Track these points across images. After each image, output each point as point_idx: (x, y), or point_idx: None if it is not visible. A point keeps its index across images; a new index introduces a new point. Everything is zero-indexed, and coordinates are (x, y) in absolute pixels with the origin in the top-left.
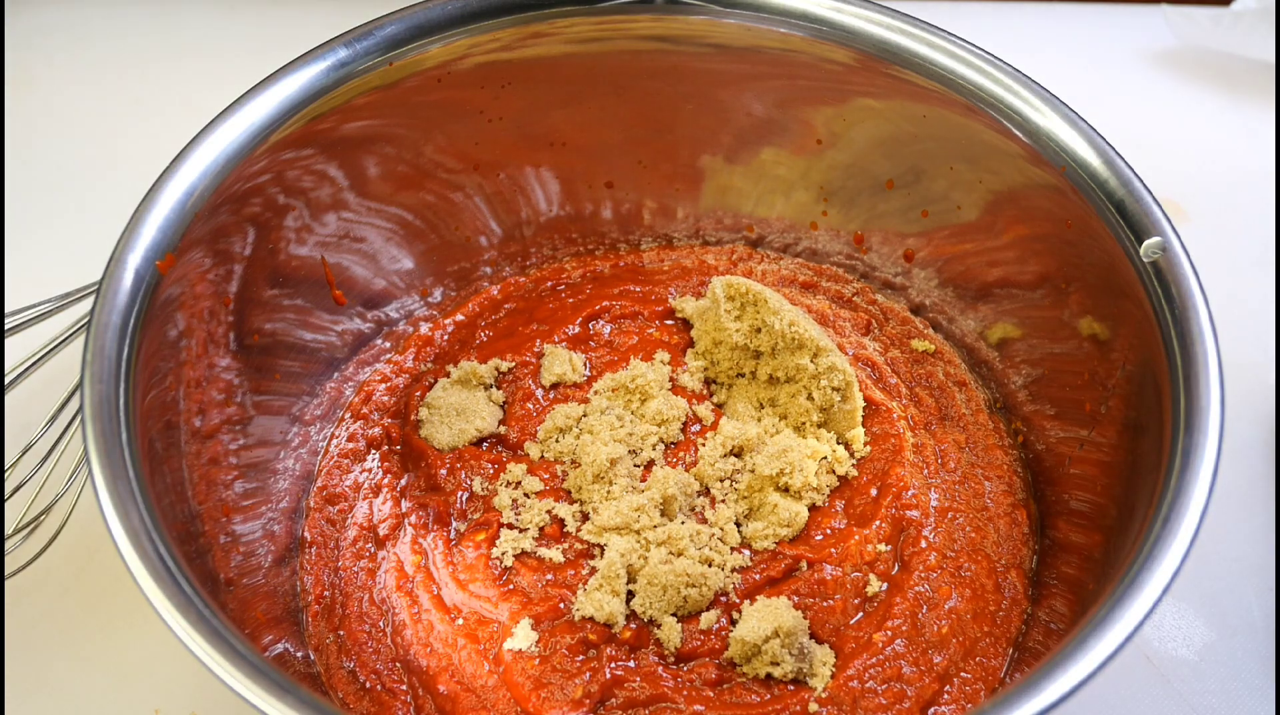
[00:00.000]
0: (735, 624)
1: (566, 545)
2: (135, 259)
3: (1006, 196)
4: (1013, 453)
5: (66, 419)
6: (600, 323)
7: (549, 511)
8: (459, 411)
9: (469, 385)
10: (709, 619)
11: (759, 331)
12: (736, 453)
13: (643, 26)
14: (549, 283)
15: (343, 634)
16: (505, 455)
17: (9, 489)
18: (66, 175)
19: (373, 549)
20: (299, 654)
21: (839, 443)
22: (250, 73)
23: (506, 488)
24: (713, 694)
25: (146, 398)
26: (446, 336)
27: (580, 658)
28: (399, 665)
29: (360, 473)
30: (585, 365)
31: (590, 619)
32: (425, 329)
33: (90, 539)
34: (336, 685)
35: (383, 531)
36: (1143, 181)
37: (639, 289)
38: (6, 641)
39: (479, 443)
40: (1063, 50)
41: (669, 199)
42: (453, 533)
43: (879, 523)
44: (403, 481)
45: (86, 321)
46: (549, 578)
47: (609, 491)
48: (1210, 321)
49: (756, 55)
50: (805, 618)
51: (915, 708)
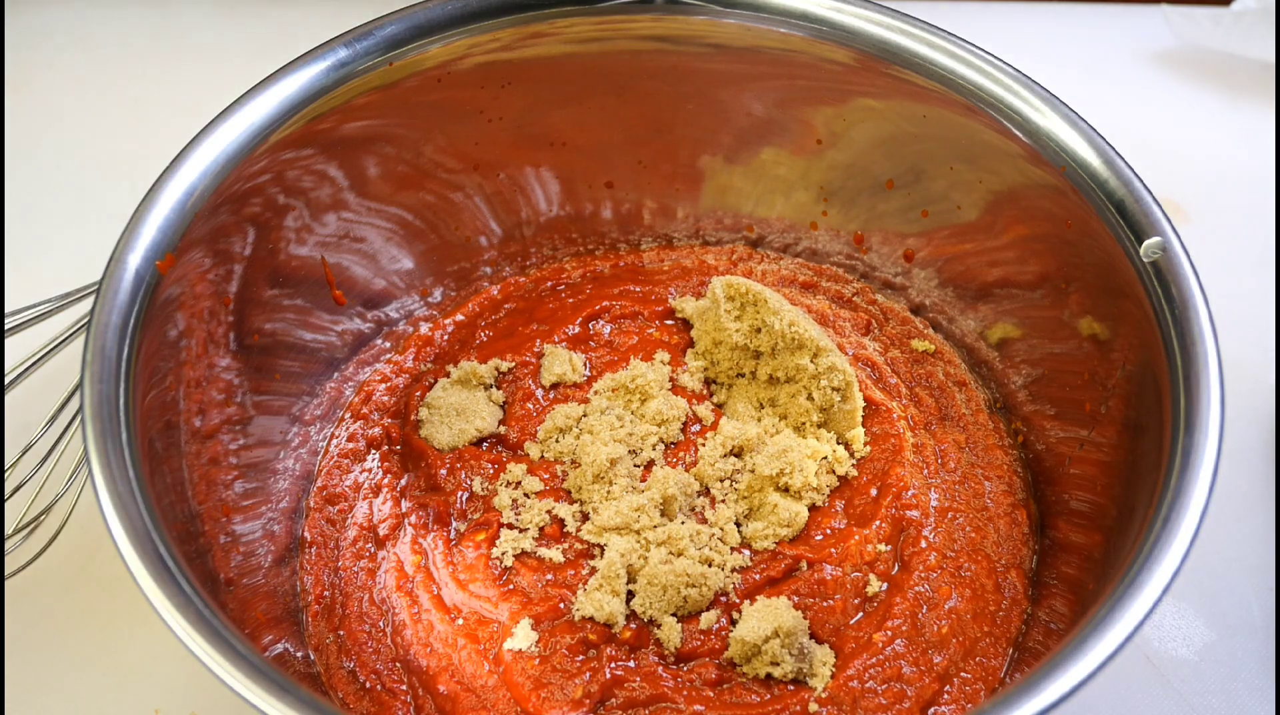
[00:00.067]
0: (735, 624)
1: (566, 545)
2: (135, 259)
3: (1006, 196)
4: (1013, 453)
5: (66, 419)
6: (600, 323)
7: (549, 511)
8: (459, 411)
9: (469, 385)
10: (709, 619)
11: (759, 331)
12: (736, 453)
13: (643, 26)
14: (549, 283)
15: (343, 634)
16: (505, 455)
17: (9, 489)
18: (66, 175)
19: (373, 549)
20: (299, 654)
21: (839, 443)
22: (250, 73)
23: (506, 488)
24: (713, 694)
25: (146, 398)
26: (446, 336)
27: (580, 658)
28: (399, 665)
29: (360, 473)
30: (585, 365)
31: (590, 619)
32: (425, 329)
33: (90, 539)
34: (336, 685)
35: (383, 531)
36: (1143, 181)
37: (639, 289)
38: (6, 641)
39: (479, 443)
40: (1063, 50)
41: (669, 199)
42: (453, 533)
43: (879, 523)
44: (403, 481)
45: (86, 321)
46: (549, 578)
47: (609, 491)
48: (1210, 321)
49: (756, 55)
50: (805, 618)
51: (915, 708)
